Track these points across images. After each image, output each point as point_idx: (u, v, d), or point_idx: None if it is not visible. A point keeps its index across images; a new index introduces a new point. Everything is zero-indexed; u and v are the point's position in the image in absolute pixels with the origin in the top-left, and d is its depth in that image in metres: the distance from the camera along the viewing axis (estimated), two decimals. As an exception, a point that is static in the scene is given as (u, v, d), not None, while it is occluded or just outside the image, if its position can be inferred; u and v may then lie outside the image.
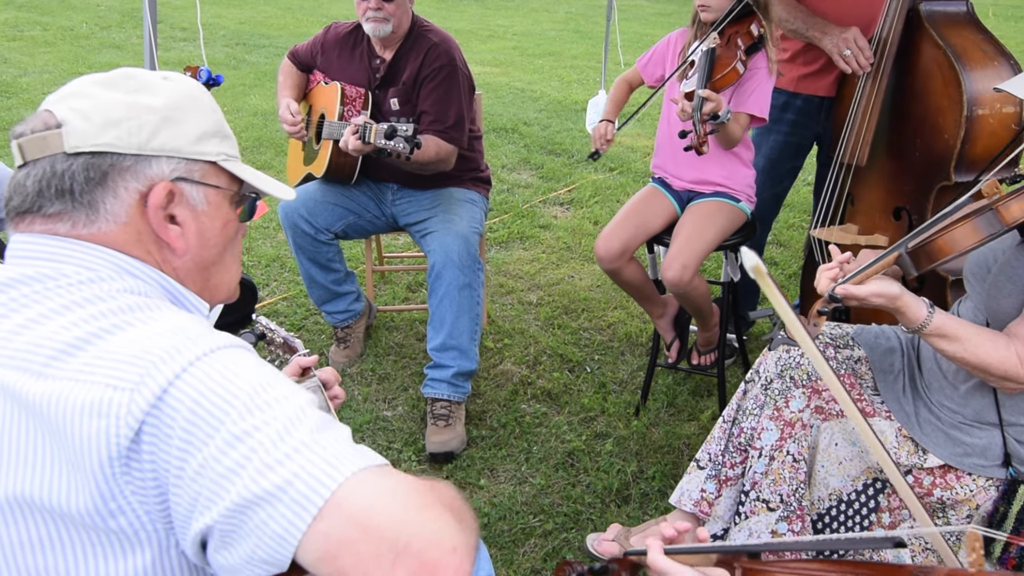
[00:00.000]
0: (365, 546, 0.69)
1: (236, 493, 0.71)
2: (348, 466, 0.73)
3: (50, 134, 0.90)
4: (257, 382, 0.78)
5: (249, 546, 0.72)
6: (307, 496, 0.71)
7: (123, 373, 0.76)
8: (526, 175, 5.04)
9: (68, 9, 10.09)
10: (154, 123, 0.93)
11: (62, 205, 0.90)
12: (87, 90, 0.94)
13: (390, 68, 2.68)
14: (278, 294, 3.45)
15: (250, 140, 5.40)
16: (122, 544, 0.78)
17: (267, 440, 0.73)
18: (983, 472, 1.59)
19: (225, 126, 1.04)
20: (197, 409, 0.74)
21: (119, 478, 0.75)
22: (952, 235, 1.44)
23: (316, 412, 0.78)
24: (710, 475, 1.85)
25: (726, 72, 2.25)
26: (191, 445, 0.74)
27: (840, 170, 2.54)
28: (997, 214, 1.41)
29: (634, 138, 5.88)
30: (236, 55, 8.09)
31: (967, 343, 1.47)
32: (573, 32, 10.50)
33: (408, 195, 2.80)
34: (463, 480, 2.39)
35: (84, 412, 0.75)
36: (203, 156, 0.97)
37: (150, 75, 0.98)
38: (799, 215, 4.41)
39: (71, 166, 0.89)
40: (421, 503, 0.73)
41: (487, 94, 7.00)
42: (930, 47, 2.29)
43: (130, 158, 0.91)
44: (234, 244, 1.06)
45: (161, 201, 0.93)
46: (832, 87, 2.69)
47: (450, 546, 0.71)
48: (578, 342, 3.13)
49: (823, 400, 1.71)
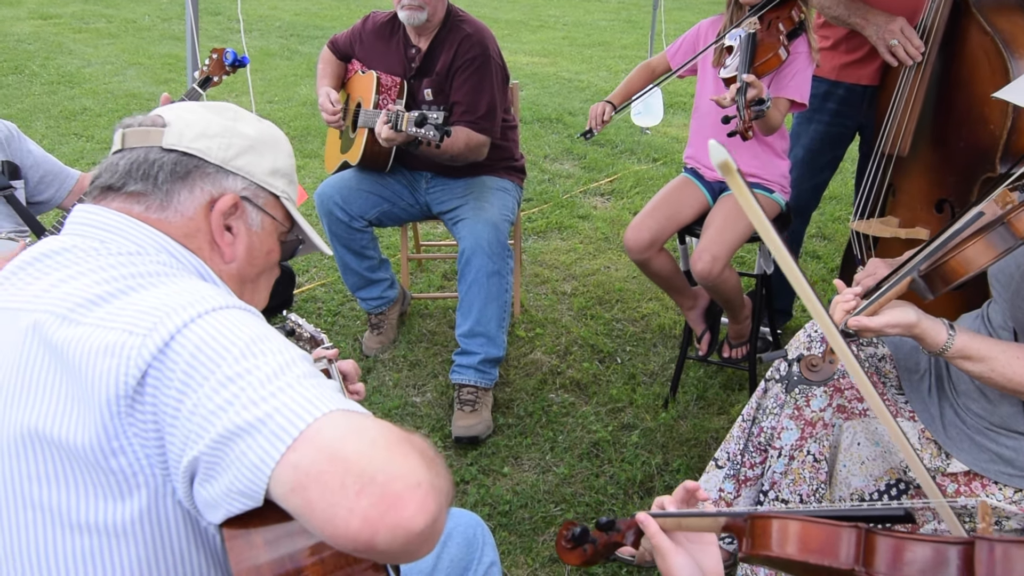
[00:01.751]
0: (332, 477, 0.71)
1: (221, 425, 0.76)
2: (326, 405, 0.77)
3: (153, 129, 1.04)
4: (254, 335, 0.83)
5: (229, 477, 0.76)
6: (283, 427, 0.74)
7: (139, 321, 0.83)
8: (568, 165, 5.02)
9: (132, 2, 10.42)
10: (241, 146, 1.08)
11: (144, 186, 1.01)
12: (196, 109, 1.10)
13: (425, 57, 2.70)
14: (317, 280, 3.51)
15: (298, 129, 5.50)
16: (119, 485, 0.83)
17: (256, 381, 0.78)
18: (1010, 482, 1.52)
19: (295, 174, 1.18)
20: (197, 354, 0.80)
21: (123, 418, 0.81)
22: (965, 254, 1.36)
23: (306, 364, 0.83)
24: (728, 474, 1.82)
25: (768, 57, 2.20)
26: (188, 387, 0.79)
27: (881, 161, 2.46)
28: (1010, 227, 1.34)
29: (679, 128, 5.80)
30: (290, 46, 8.23)
31: (993, 363, 1.40)
32: (624, 22, 10.40)
33: (441, 183, 2.83)
34: (487, 467, 2.41)
35: (100, 352, 0.82)
36: (271, 188, 1.11)
37: (248, 113, 1.16)
38: (846, 207, 4.29)
39: (163, 158, 1.03)
40: (390, 442, 0.75)
41: (534, 84, 7.00)
42: (977, 33, 2.20)
43: (213, 167, 1.05)
44: (270, 273, 1.17)
45: (227, 208, 1.05)
46: (875, 76, 2.61)
47: (415, 481, 0.72)
48: (610, 333, 3.11)
49: (845, 399, 1.67)
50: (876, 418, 1.66)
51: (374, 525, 0.70)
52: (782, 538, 0.80)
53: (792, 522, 0.81)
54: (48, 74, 6.73)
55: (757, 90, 2.06)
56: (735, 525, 0.92)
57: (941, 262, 1.39)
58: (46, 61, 7.15)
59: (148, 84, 6.57)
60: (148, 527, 0.84)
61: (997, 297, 1.60)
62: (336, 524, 0.70)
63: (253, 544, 0.78)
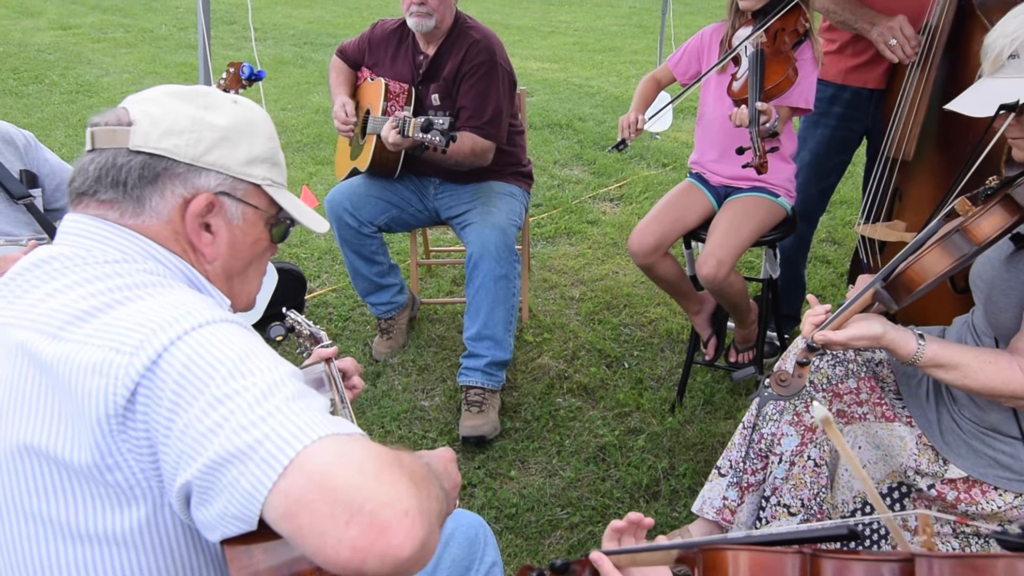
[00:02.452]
0: (321, 505, 0.73)
1: (212, 451, 0.77)
2: (315, 431, 0.77)
3: (120, 129, 1.00)
4: (243, 351, 0.83)
5: (223, 502, 0.77)
6: (274, 455, 0.75)
7: (126, 338, 0.83)
8: (577, 170, 5.04)
9: (149, 11, 10.56)
10: (212, 140, 1.02)
11: (115, 194, 0.99)
12: (161, 99, 1.03)
13: (433, 63, 2.73)
14: (328, 285, 3.55)
15: (311, 136, 5.55)
16: (119, 498, 0.84)
17: (244, 404, 0.78)
18: (1008, 486, 1.52)
19: (278, 155, 1.12)
20: (186, 373, 0.80)
21: (116, 435, 0.82)
22: (922, 263, 1.37)
23: (295, 383, 0.83)
24: (731, 482, 1.83)
25: (779, 81, 2.18)
26: (178, 406, 0.80)
27: (887, 165, 2.46)
28: (966, 234, 1.34)
29: (688, 134, 5.80)
30: (303, 54, 8.31)
31: (966, 369, 1.41)
32: (635, 27, 10.41)
33: (450, 189, 2.85)
34: (494, 470, 2.42)
35: (88, 370, 0.82)
36: (249, 178, 1.06)
37: (221, 96, 1.08)
38: (856, 212, 4.26)
39: (130, 161, 0.99)
40: (379, 468, 0.76)
41: (544, 90, 7.02)
42: (982, 35, 2.17)
43: (183, 166, 1.00)
44: (260, 260, 1.14)
45: (200, 210, 1.01)
46: (882, 79, 2.61)
47: (402, 509, 0.74)
48: (618, 338, 3.13)
49: (844, 404, 1.67)
50: (876, 422, 1.66)
51: (363, 554, 0.72)
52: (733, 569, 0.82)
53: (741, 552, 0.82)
54: (68, 83, 6.84)
55: (768, 117, 2.06)
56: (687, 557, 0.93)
57: (901, 271, 1.40)
58: (66, 71, 7.26)
59: (164, 93, 6.65)
60: (149, 536, 0.86)
61: (976, 302, 1.60)
62: (326, 552, 0.72)
63: (253, 555, 0.80)
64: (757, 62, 2.17)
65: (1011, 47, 1.40)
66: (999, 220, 1.35)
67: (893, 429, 1.63)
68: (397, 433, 2.57)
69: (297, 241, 3.92)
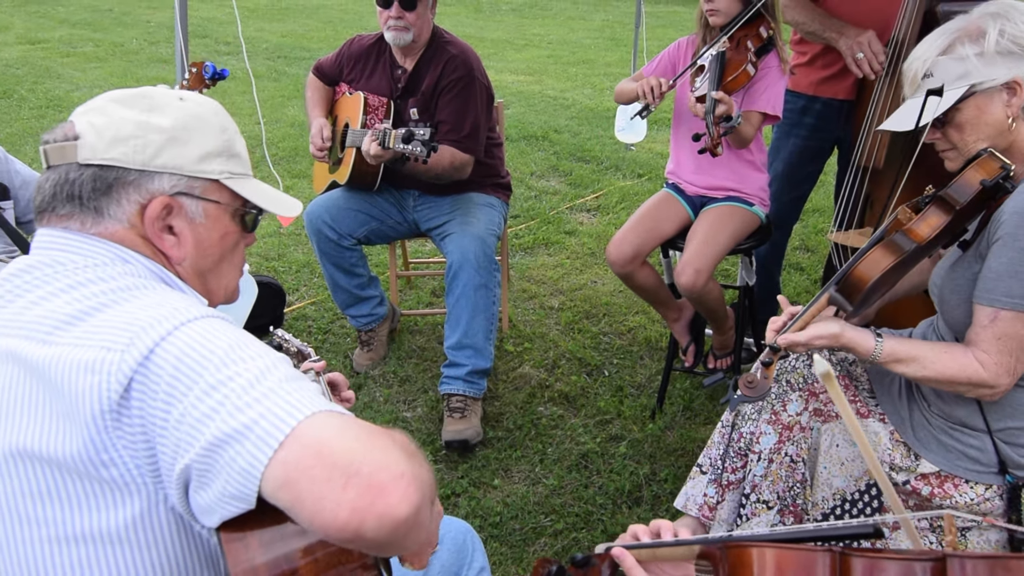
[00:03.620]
0: (319, 471, 0.75)
1: (210, 433, 0.78)
2: (309, 408, 0.80)
3: (67, 145, 1.00)
4: (232, 342, 0.85)
5: (221, 483, 0.79)
6: (270, 432, 0.77)
7: (116, 337, 0.85)
8: (554, 182, 5.08)
9: (120, 26, 10.48)
10: (159, 143, 1.01)
11: (72, 208, 1.00)
12: (105, 106, 1.03)
13: (411, 78, 2.75)
14: (307, 298, 3.54)
15: (287, 150, 5.54)
16: (113, 493, 0.85)
17: (239, 387, 0.80)
18: (979, 478, 1.57)
19: (235, 145, 1.10)
20: (179, 365, 0.82)
21: (111, 431, 0.83)
22: (866, 261, 1.46)
23: (286, 367, 0.86)
24: (711, 479, 1.86)
25: (737, 75, 2.27)
26: (173, 397, 0.81)
27: (858, 173, 2.52)
28: (907, 234, 1.45)
29: (664, 144, 5.87)
30: (277, 67, 8.29)
31: (924, 360, 1.49)
32: (608, 40, 10.53)
33: (429, 201, 2.87)
34: (477, 479, 2.43)
35: (80, 369, 0.83)
36: (205, 174, 1.05)
37: (166, 95, 1.07)
38: (829, 220, 4.36)
39: (81, 175, 0.99)
40: (372, 436, 0.79)
41: (519, 103, 7.08)
42: (946, 48, 2.27)
43: (134, 173, 1.00)
44: (233, 254, 1.13)
45: (157, 213, 1.01)
46: (852, 90, 2.67)
47: (398, 471, 0.76)
48: (597, 346, 3.16)
49: (821, 403, 1.71)
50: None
51: (361, 515, 0.74)
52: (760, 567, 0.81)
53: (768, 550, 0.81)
54: (36, 98, 6.76)
55: (726, 106, 2.13)
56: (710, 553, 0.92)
57: (848, 272, 1.49)
58: (34, 85, 7.17)
59: (136, 107, 6.59)
60: (142, 532, 0.87)
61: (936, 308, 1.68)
62: (325, 516, 0.74)
63: (249, 546, 0.82)
64: (718, 62, 2.24)
65: (924, 67, 1.54)
66: (936, 220, 1.46)
67: (868, 425, 1.67)
68: (380, 444, 2.57)
69: (275, 255, 3.91)
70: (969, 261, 1.53)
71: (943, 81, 1.51)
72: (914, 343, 1.53)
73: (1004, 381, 1.46)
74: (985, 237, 1.50)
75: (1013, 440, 1.54)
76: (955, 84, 1.50)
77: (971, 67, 1.48)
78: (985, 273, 1.46)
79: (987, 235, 1.49)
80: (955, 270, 1.56)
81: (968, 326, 1.51)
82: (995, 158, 1.47)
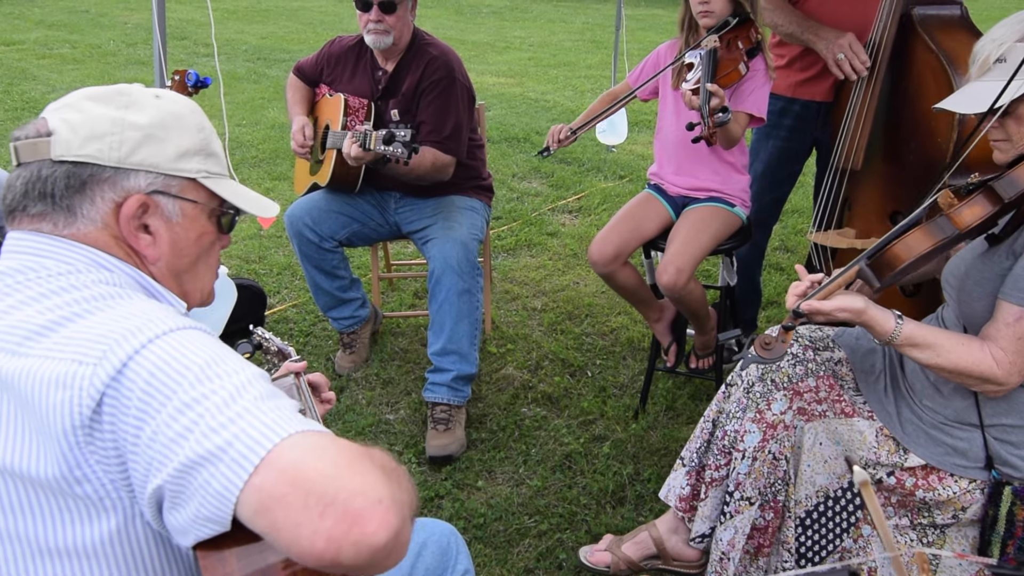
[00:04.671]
0: (295, 498, 0.73)
1: (183, 455, 0.77)
2: (285, 429, 0.78)
3: (40, 141, 0.97)
4: (208, 356, 0.83)
5: (195, 505, 0.77)
6: (245, 455, 0.75)
7: (88, 350, 0.82)
8: (536, 183, 5.09)
9: (96, 27, 10.36)
10: (136, 140, 0.99)
11: (44, 207, 0.97)
12: (79, 103, 1.01)
13: (392, 79, 2.75)
14: (288, 301, 3.52)
15: (267, 152, 5.51)
16: (88, 509, 0.84)
17: (213, 407, 0.78)
18: (965, 473, 1.59)
19: (212, 144, 1.09)
20: (152, 380, 0.80)
21: (83, 447, 0.81)
22: (906, 241, 1.46)
23: (263, 384, 0.84)
24: (687, 471, 1.91)
25: (729, 72, 2.29)
26: (146, 414, 0.79)
27: (836, 175, 2.55)
28: (950, 220, 1.43)
29: (645, 146, 5.90)
30: (257, 69, 8.24)
31: (939, 349, 1.49)
32: (589, 42, 10.56)
33: (411, 203, 2.86)
34: (461, 481, 2.43)
35: (51, 384, 0.81)
36: (182, 173, 1.03)
37: (142, 92, 1.05)
38: (807, 220, 4.40)
39: (54, 172, 0.97)
40: (350, 460, 0.77)
41: (501, 105, 7.08)
42: (923, 51, 2.30)
43: (109, 170, 0.98)
44: (208, 254, 1.12)
45: (133, 212, 0.99)
46: (829, 92, 2.70)
47: (375, 498, 0.74)
48: (580, 347, 3.16)
49: (805, 402, 1.73)
50: (835, 418, 1.73)
51: (338, 543, 0.72)
52: None
53: None
54: (12, 100, 6.67)
55: (720, 99, 2.14)
56: None
57: (885, 249, 1.48)
58: (9, 87, 7.08)
59: (114, 109, 6.52)
60: (120, 547, 0.85)
61: (948, 299, 1.68)
62: (302, 544, 0.73)
63: (226, 562, 0.80)
64: (710, 57, 2.26)
65: (998, 51, 1.47)
66: (981, 209, 1.44)
67: (853, 424, 1.69)
68: (363, 447, 2.55)
69: (256, 257, 3.88)
70: (1000, 256, 1.51)
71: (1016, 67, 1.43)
72: (932, 330, 1.52)
73: (1014, 380, 1.47)
74: (1022, 235, 1.48)
75: (1004, 437, 1.57)
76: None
77: None
78: (1019, 273, 1.45)
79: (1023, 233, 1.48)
80: (984, 263, 1.54)
81: (986, 320, 1.51)
82: None
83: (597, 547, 2.08)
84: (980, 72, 1.52)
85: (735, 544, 1.77)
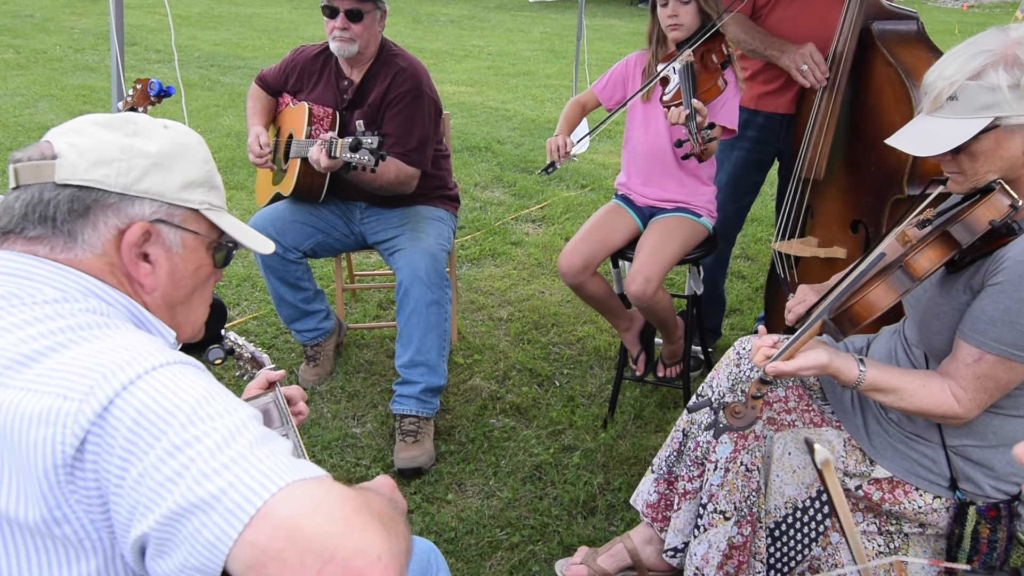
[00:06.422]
0: (291, 555, 0.70)
1: (172, 501, 0.73)
2: (281, 478, 0.75)
3: (44, 164, 0.96)
4: (200, 396, 0.80)
5: (183, 554, 0.74)
6: (239, 505, 0.72)
7: (73, 384, 0.78)
8: (499, 193, 5.09)
9: (42, 32, 10.08)
10: (143, 167, 0.99)
11: (43, 230, 0.95)
12: (87, 128, 1.00)
13: (358, 90, 2.72)
14: (248, 313, 3.44)
15: (223, 160, 5.40)
16: (67, 551, 0.80)
17: (205, 451, 0.75)
18: (929, 488, 1.61)
19: (215, 178, 1.10)
20: (140, 420, 0.76)
21: (64, 487, 0.77)
22: (868, 298, 1.44)
23: (257, 426, 0.80)
24: (656, 478, 1.93)
25: (709, 87, 2.31)
26: (131, 455, 0.75)
27: (799, 185, 2.60)
28: (907, 269, 1.42)
29: (606, 155, 5.95)
30: (211, 76, 8.10)
31: (903, 393, 1.51)
32: (547, 52, 10.62)
33: (376, 213, 2.83)
34: (431, 495, 2.40)
35: (34, 419, 0.77)
36: (186, 203, 1.03)
37: (151, 122, 1.05)
38: (767, 229, 4.48)
39: (57, 196, 0.95)
40: (348, 513, 0.74)
41: (461, 114, 7.07)
42: (882, 65, 2.36)
43: (115, 196, 0.97)
44: (204, 287, 1.11)
45: (136, 239, 0.98)
46: (792, 104, 2.75)
47: (375, 555, 0.72)
48: (547, 357, 3.16)
49: (775, 412, 1.75)
50: (804, 428, 1.74)
51: None
52: None
53: None
54: (-48, 106, 6.44)
55: (703, 115, 2.16)
56: None
57: (847, 306, 1.46)
58: (-50, 93, 6.84)
59: (62, 116, 6.35)
60: None
61: (910, 318, 1.70)
62: None
63: None
64: (688, 73, 2.27)
65: (950, 89, 1.43)
66: (937, 255, 1.43)
67: (822, 433, 1.71)
68: (329, 462, 2.51)
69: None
70: (958, 290, 1.51)
71: (968, 108, 1.41)
72: (894, 373, 1.53)
73: (974, 414, 1.50)
74: (981, 273, 1.46)
75: (967, 455, 1.59)
76: (980, 114, 1.40)
77: (1001, 99, 1.38)
78: (978, 314, 1.45)
79: (983, 271, 1.45)
80: (941, 294, 1.54)
81: (946, 353, 1.52)
82: (1005, 194, 1.41)
83: (573, 560, 2.07)
84: (932, 107, 1.48)
85: (709, 560, 1.77)
